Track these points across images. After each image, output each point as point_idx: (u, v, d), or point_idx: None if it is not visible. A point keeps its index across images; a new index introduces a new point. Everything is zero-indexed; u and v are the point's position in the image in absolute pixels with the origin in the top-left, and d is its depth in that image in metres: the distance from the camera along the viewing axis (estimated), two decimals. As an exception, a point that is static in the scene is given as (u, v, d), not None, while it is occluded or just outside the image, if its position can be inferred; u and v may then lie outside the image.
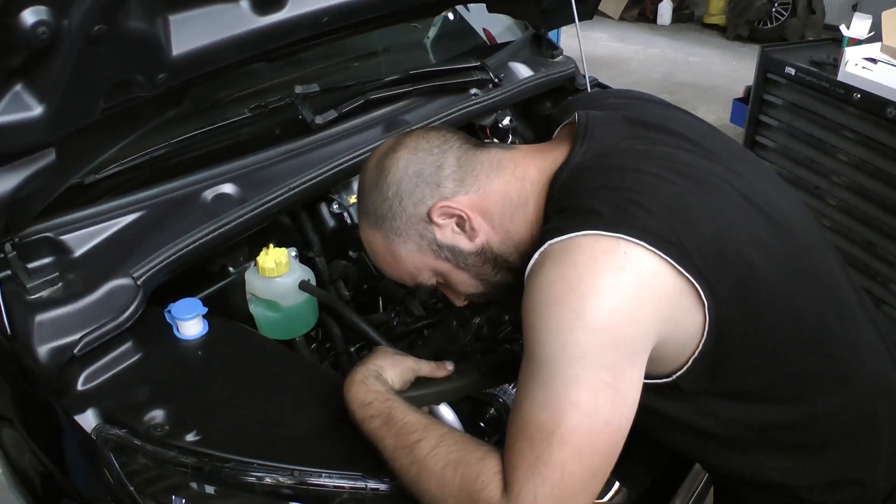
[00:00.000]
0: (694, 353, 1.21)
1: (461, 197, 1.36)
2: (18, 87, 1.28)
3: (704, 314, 1.17)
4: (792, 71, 3.81)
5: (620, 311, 1.12)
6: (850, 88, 3.49)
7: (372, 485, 1.34)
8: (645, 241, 1.12)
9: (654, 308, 1.14)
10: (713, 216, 1.21)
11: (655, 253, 1.12)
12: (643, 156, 1.28)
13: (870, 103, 3.40)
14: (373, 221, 1.40)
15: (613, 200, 1.18)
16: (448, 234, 1.37)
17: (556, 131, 1.50)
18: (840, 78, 3.53)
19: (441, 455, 1.20)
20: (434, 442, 1.22)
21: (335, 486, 1.34)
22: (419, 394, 1.44)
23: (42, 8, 1.16)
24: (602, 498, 1.38)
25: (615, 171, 1.25)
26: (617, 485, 1.46)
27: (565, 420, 1.11)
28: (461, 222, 1.36)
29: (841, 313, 1.36)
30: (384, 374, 1.39)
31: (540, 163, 1.37)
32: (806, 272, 1.31)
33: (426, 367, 1.48)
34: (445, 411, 1.52)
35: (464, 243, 1.38)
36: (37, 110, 1.29)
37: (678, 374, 1.24)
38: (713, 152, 1.36)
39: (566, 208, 1.23)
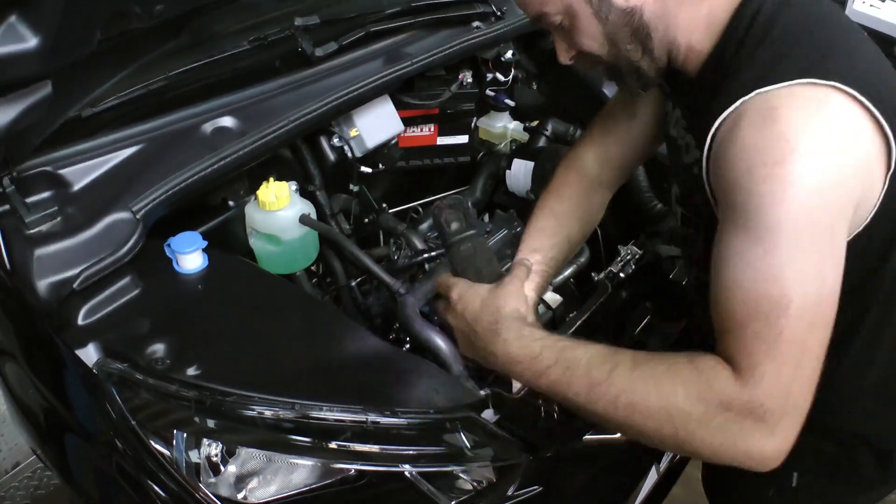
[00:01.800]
0: (858, 229, 1.15)
1: None
2: (13, 18, 1.26)
3: (883, 182, 1.11)
4: (800, 7, 3.75)
5: (839, 169, 1.04)
6: (857, 27, 3.44)
7: (373, 418, 1.35)
8: (856, 91, 1.04)
9: (859, 165, 1.07)
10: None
11: (863, 105, 1.04)
12: (834, 10, 1.19)
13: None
14: None
15: (821, 49, 1.09)
16: None
17: None
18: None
19: (647, 373, 1.12)
20: (629, 364, 1.13)
21: (336, 420, 1.35)
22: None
23: (35, -64, 1.14)
24: None
25: (816, 17, 1.15)
26: None
27: (797, 291, 1.03)
28: None
29: None
30: (527, 316, 1.30)
31: None
32: None
33: (523, 272, 1.39)
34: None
35: None
36: (32, 41, 1.28)
37: None
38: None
39: (764, 44, 1.11)
